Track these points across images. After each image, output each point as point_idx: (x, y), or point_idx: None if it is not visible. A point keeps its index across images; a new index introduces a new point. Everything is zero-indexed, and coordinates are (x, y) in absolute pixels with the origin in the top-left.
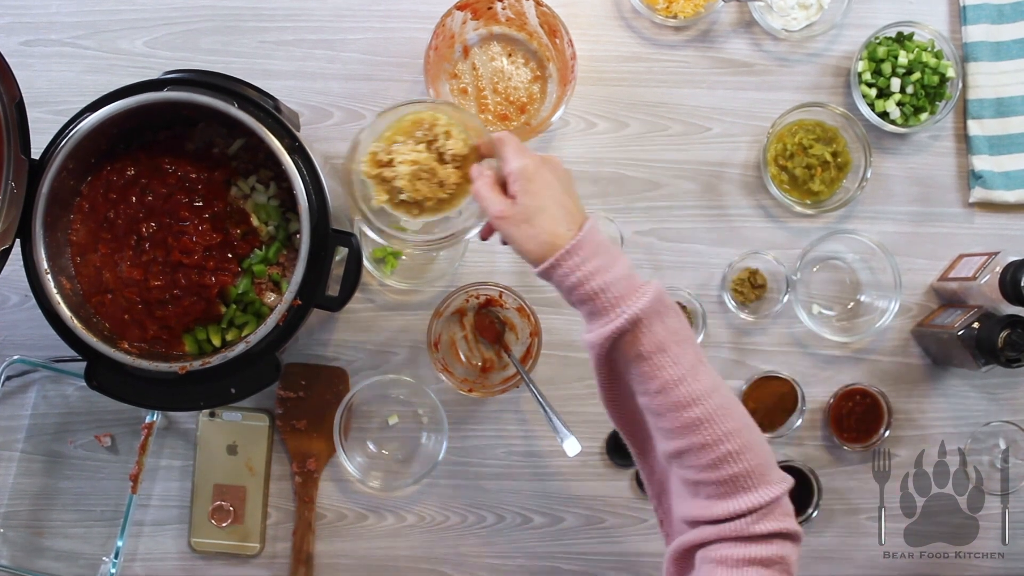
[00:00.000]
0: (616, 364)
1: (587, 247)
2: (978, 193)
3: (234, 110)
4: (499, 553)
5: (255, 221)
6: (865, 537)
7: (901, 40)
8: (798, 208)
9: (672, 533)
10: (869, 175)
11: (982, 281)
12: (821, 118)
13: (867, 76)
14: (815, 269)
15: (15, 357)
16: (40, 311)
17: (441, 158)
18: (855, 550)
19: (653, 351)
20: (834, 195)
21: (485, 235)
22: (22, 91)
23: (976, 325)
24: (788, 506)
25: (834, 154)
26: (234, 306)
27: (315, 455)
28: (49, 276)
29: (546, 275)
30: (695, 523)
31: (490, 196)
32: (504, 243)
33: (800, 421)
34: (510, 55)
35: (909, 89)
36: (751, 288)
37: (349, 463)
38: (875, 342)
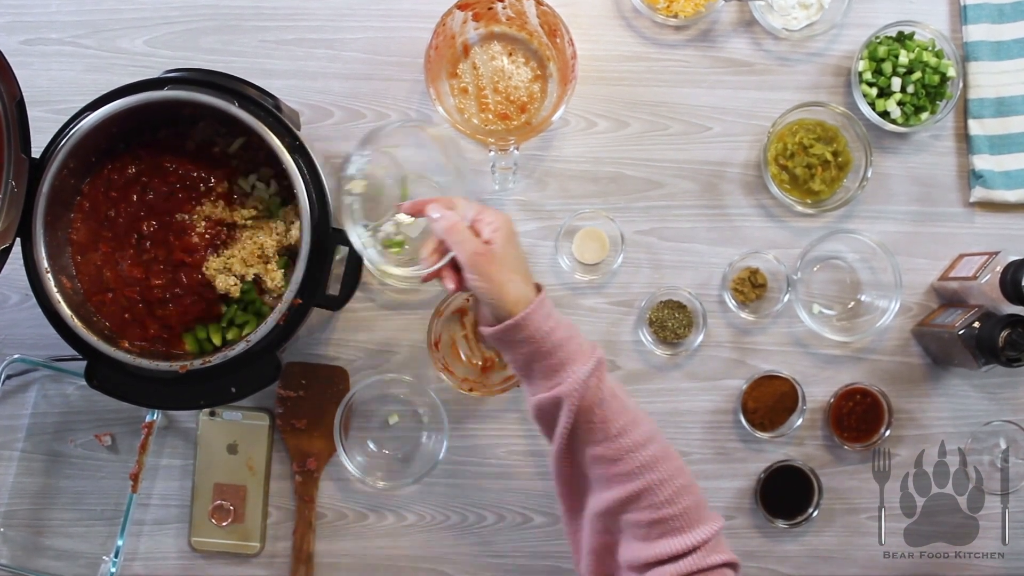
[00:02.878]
0: (580, 413)
1: (549, 304)
2: (979, 193)
3: (234, 109)
4: (499, 553)
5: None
6: (865, 537)
7: (902, 39)
8: (799, 208)
9: None
10: (870, 175)
11: (983, 281)
12: (822, 117)
13: (868, 75)
14: (815, 269)
15: (15, 356)
16: (40, 310)
17: None
18: (855, 550)
19: (610, 395)
20: (834, 195)
21: (431, 276)
22: (22, 90)
23: (976, 325)
24: (724, 540)
25: (835, 153)
26: (234, 305)
27: (315, 454)
28: (49, 275)
29: (521, 324)
30: (650, 565)
31: (467, 235)
32: (460, 288)
33: (800, 421)
34: (510, 54)
35: (910, 88)
36: (751, 287)
37: (349, 462)
38: (875, 342)
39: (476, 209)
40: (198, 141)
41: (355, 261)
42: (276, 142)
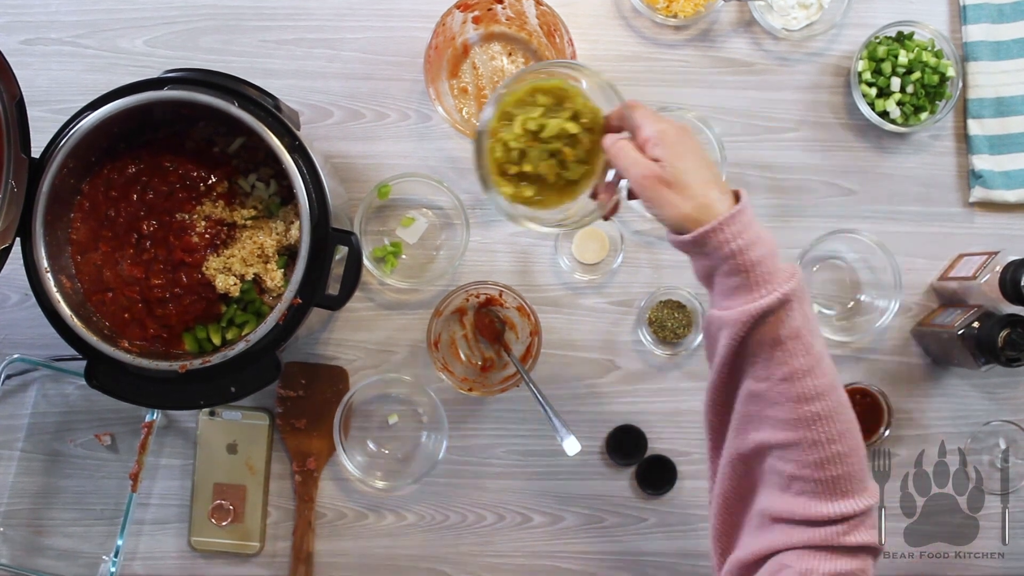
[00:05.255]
0: (746, 346)
1: (747, 215)
2: (978, 193)
3: (234, 109)
4: (499, 552)
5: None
6: None
7: (901, 39)
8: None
9: (731, 542)
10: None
11: (982, 280)
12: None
13: (867, 75)
14: (815, 268)
15: (15, 356)
16: (40, 310)
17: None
18: None
19: (790, 336)
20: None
21: (629, 197)
22: (22, 90)
23: (976, 324)
24: (875, 519)
25: (575, 117)
26: (234, 305)
27: (315, 454)
28: (49, 275)
29: (700, 241)
30: (783, 520)
31: (634, 157)
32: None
33: None
34: (510, 54)
35: (909, 88)
36: None
37: (349, 462)
38: (875, 341)
39: (642, 125)
40: (198, 141)
41: (355, 260)
42: (276, 142)
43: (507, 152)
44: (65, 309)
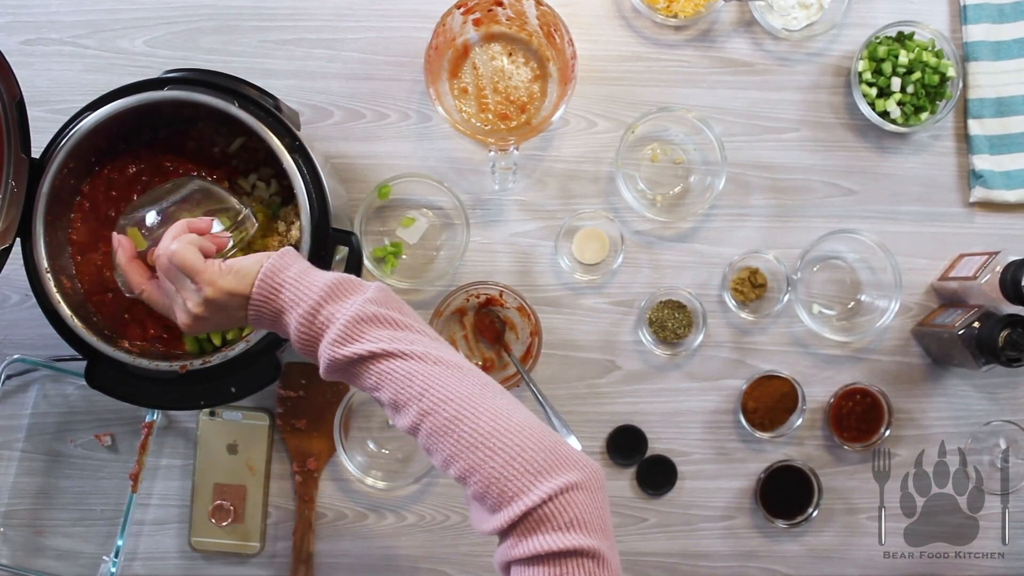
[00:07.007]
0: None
1: (263, 321)
2: (978, 193)
3: (234, 109)
4: None
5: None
6: (865, 537)
7: (901, 39)
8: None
9: None
10: None
11: (982, 280)
12: None
13: (867, 75)
14: (815, 268)
15: (15, 356)
16: (40, 310)
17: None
18: (855, 550)
19: (373, 388)
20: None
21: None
22: (22, 90)
23: (976, 325)
24: (564, 515)
25: None
26: None
27: (315, 454)
28: (49, 275)
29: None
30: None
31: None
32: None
33: (800, 421)
34: (510, 54)
35: (909, 88)
36: (751, 288)
37: (349, 462)
38: (875, 342)
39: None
40: (198, 141)
41: (355, 261)
42: (276, 142)
43: None
44: (65, 309)
